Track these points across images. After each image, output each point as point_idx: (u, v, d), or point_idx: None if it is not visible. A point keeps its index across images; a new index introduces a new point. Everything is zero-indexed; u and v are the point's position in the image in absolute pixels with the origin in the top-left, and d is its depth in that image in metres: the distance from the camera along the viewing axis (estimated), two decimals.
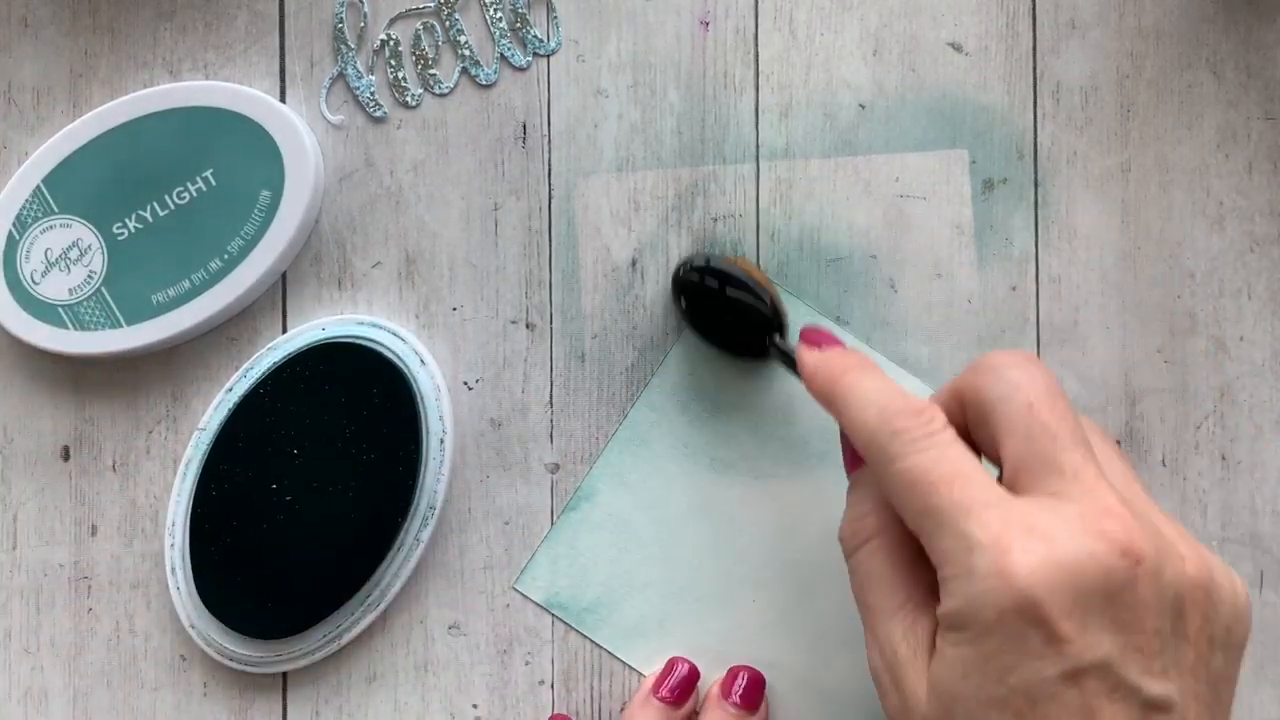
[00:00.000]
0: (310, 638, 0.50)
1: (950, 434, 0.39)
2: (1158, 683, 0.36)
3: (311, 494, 0.49)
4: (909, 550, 0.40)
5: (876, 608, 0.40)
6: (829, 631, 0.50)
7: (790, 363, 0.47)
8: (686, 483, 0.50)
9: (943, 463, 0.38)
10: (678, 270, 0.49)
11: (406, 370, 0.50)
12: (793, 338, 0.49)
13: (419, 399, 0.50)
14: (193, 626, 0.50)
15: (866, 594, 0.41)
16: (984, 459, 0.41)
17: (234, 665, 0.50)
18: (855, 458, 0.44)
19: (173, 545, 0.51)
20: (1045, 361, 0.50)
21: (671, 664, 0.49)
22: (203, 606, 0.50)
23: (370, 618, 0.50)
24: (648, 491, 0.50)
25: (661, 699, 0.49)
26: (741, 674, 0.49)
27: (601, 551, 0.50)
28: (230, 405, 0.50)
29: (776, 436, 0.50)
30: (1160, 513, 0.39)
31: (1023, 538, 0.36)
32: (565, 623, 0.51)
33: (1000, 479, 0.39)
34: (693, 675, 0.49)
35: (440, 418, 0.50)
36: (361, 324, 0.51)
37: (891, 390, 0.41)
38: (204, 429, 0.51)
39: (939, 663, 0.37)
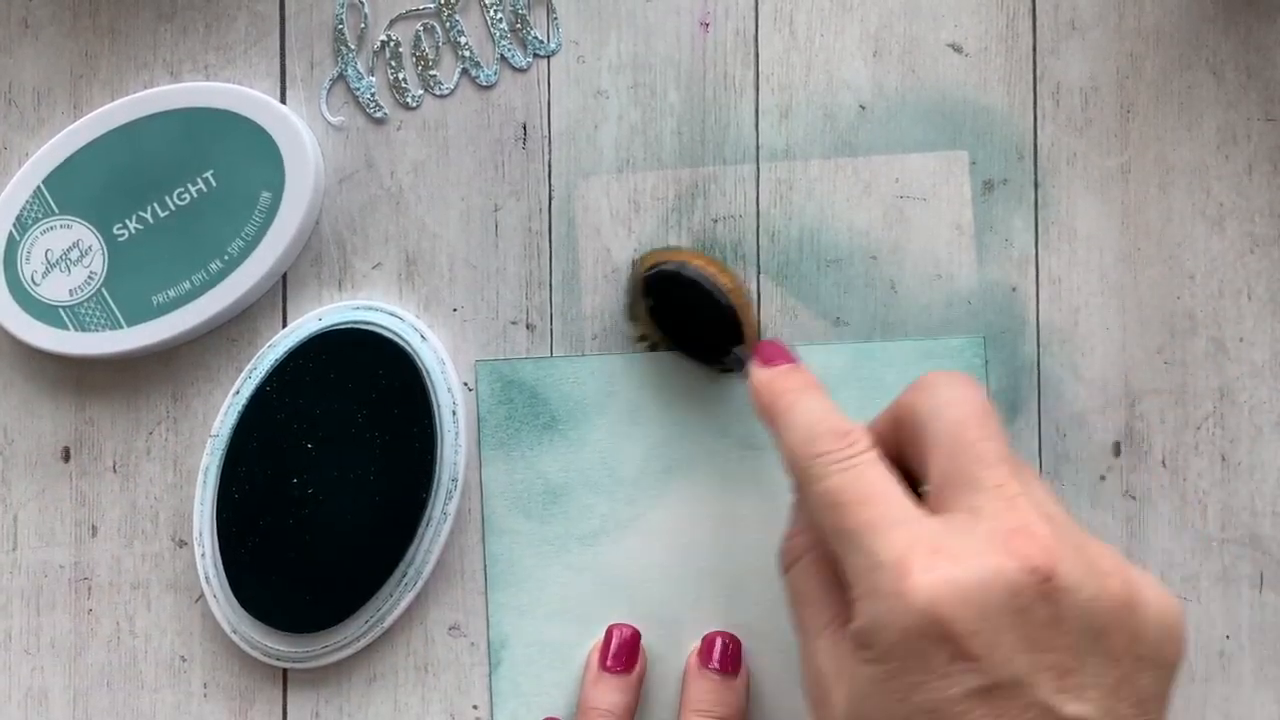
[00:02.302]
0: (353, 625, 0.50)
1: (872, 455, 0.40)
2: (1074, 701, 0.35)
3: (333, 484, 0.49)
4: (836, 569, 0.40)
5: (804, 625, 0.41)
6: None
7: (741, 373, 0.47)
8: (590, 547, 0.51)
9: (859, 483, 0.39)
10: (646, 269, 0.49)
11: (409, 348, 0.50)
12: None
13: (425, 374, 0.50)
14: (235, 632, 0.50)
15: (796, 611, 0.42)
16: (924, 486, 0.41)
17: (281, 664, 0.50)
18: None
19: (203, 555, 0.51)
20: (1045, 362, 0.50)
21: (609, 632, 0.49)
22: (243, 611, 0.50)
23: (409, 597, 0.50)
24: (555, 606, 0.50)
25: (610, 669, 0.49)
26: (718, 639, 0.49)
27: (549, 675, 0.51)
28: (239, 408, 0.50)
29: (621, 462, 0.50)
30: (1085, 534, 0.39)
31: (927, 556, 0.36)
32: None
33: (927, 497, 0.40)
34: (634, 637, 0.49)
35: (449, 390, 0.50)
36: (358, 309, 0.51)
37: (823, 412, 0.42)
38: (217, 435, 0.51)
39: (851, 681, 0.37)
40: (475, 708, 0.51)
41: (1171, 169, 0.50)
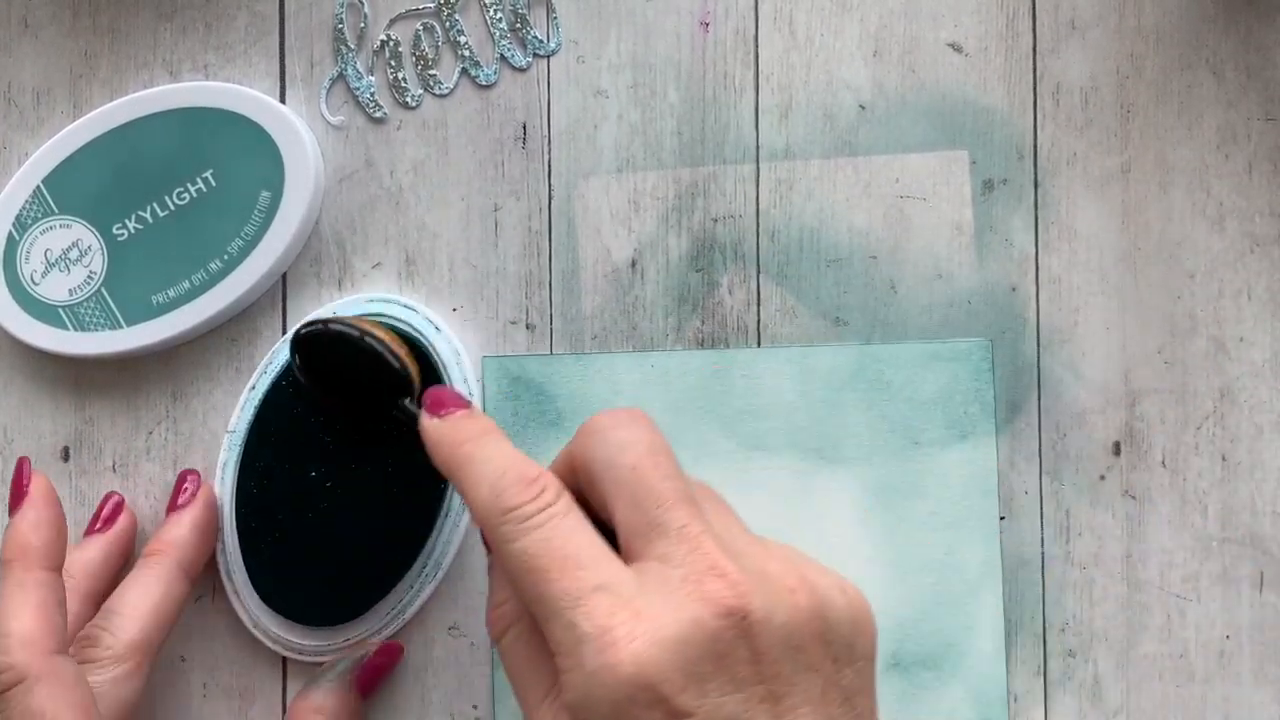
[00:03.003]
0: (375, 616, 0.50)
1: (563, 504, 0.39)
2: None
3: (351, 476, 0.49)
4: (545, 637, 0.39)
5: (524, 697, 0.40)
6: None
7: (414, 430, 0.43)
8: None
9: (553, 543, 0.38)
10: (298, 329, 0.47)
11: (424, 340, 0.50)
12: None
13: (441, 366, 0.50)
14: (256, 627, 0.50)
15: (515, 682, 0.40)
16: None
17: (307, 659, 0.50)
18: None
19: (223, 550, 0.51)
20: (1045, 361, 0.50)
21: (106, 498, 0.51)
22: (265, 605, 0.50)
23: (430, 587, 0.50)
24: None
25: (95, 530, 0.50)
26: (189, 478, 0.51)
27: None
28: (255, 403, 0.50)
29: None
30: (765, 548, 0.39)
31: (628, 622, 0.36)
32: None
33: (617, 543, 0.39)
34: (120, 502, 0.51)
35: (464, 380, 0.50)
36: (371, 301, 0.51)
37: (505, 459, 0.40)
38: (234, 431, 0.51)
39: None
40: (475, 708, 0.51)
41: (1171, 169, 0.50)
